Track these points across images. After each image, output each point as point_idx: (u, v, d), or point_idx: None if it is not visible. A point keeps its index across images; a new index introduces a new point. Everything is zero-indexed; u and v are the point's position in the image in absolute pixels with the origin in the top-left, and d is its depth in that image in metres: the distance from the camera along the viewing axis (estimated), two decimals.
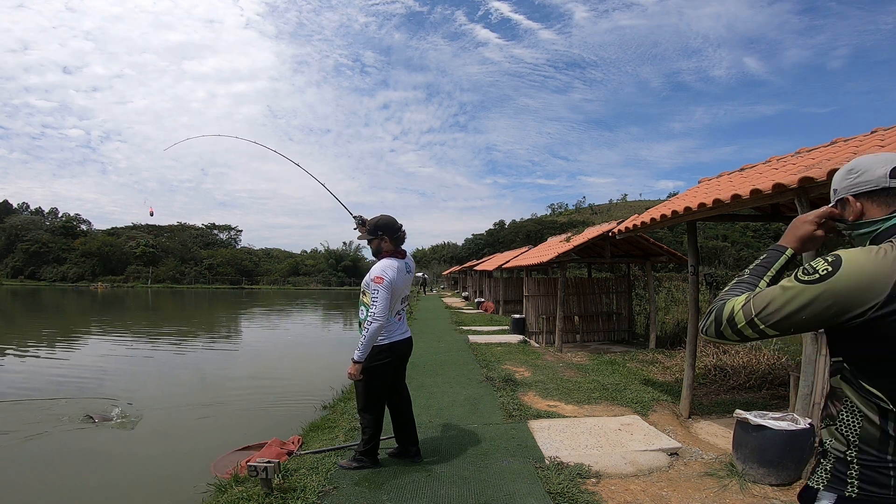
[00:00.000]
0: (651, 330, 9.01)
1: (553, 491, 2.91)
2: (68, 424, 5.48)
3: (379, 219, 3.34)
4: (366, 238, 3.36)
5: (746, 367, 5.88)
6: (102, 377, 8.20)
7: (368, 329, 3.01)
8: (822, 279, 0.95)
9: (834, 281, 0.94)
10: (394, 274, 3.14)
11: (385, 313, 3.05)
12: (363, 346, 3.02)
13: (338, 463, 3.36)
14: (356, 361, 3.04)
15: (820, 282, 0.95)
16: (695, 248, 4.84)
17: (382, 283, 3.08)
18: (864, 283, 0.92)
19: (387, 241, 3.28)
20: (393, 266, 3.18)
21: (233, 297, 39.15)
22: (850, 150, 3.20)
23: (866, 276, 0.92)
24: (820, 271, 0.96)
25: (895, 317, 0.90)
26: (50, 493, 3.96)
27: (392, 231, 3.29)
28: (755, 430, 3.02)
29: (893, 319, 0.91)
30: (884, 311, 0.91)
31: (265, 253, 74.90)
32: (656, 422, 4.38)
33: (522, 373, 6.58)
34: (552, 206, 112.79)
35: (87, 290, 47.10)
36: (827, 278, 0.95)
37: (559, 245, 10.12)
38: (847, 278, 0.93)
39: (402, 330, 3.34)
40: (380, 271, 3.13)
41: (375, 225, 3.30)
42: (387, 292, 3.07)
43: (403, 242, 3.37)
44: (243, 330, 17.21)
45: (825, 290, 0.94)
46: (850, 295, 0.92)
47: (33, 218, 70.04)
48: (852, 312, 0.93)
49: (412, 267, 3.43)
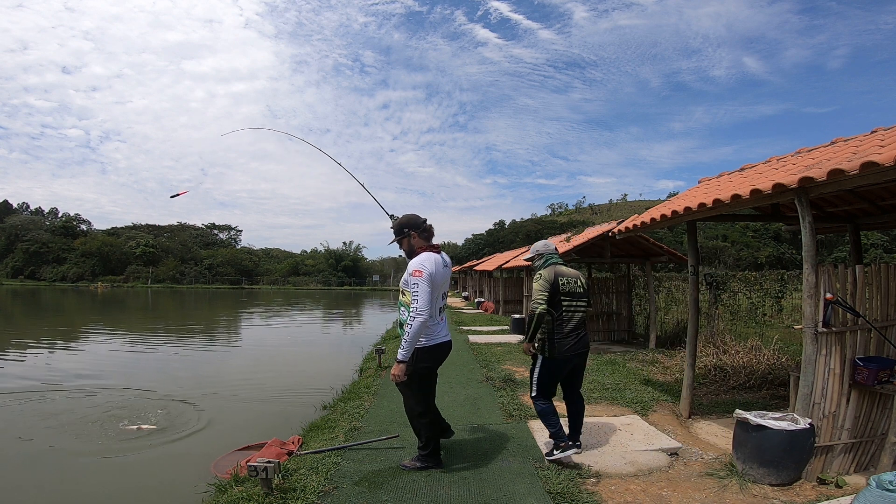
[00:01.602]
0: (651, 330, 9.01)
1: (553, 491, 2.91)
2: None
3: (401, 218, 3.31)
4: (396, 241, 3.32)
5: (746, 367, 5.87)
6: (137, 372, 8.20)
7: (412, 325, 2.91)
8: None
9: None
10: (432, 267, 3.05)
11: (428, 307, 2.95)
12: (407, 345, 2.94)
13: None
14: (401, 361, 2.96)
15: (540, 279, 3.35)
16: (695, 248, 4.83)
17: (422, 276, 2.98)
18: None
19: (415, 236, 3.23)
20: (430, 259, 3.09)
21: (233, 297, 39.14)
22: (851, 150, 3.20)
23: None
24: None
25: (557, 296, 3.32)
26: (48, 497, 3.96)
27: (416, 226, 3.24)
28: (755, 430, 3.02)
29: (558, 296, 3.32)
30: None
31: (265, 253, 75.00)
32: (656, 422, 4.38)
33: (522, 373, 6.58)
34: (552, 206, 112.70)
35: (86, 290, 47.12)
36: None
37: (559, 245, 10.12)
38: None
39: (445, 332, 3.27)
40: (417, 264, 3.04)
41: (400, 225, 3.27)
42: (427, 285, 2.98)
43: (433, 237, 3.29)
44: (243, 329, 17.21)
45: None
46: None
47: (33, 218, 70.10)
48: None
49: (449, 262, 3.34)
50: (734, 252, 49.63)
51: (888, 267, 3.28)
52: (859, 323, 3.10)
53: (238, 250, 70.30)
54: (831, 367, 3.05)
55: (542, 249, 3.61)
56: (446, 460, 3.38)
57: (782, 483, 2.96)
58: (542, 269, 3.44)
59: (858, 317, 3.06)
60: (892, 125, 3.45)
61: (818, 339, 3.03)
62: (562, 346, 3.32)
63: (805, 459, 2.99)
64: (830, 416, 3.07)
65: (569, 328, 3.34)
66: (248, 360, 10.34)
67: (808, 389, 3.05)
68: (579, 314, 3.41)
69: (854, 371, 3.07)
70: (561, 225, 58.65)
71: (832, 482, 2.95)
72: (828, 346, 3.04)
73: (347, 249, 66.18)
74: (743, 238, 54.37)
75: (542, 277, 3.36)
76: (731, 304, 9.19)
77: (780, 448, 2.92)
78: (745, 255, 49.59)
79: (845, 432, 3.10)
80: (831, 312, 2.97)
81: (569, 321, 3.35)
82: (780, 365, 5.90)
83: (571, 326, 3.35)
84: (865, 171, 2.59)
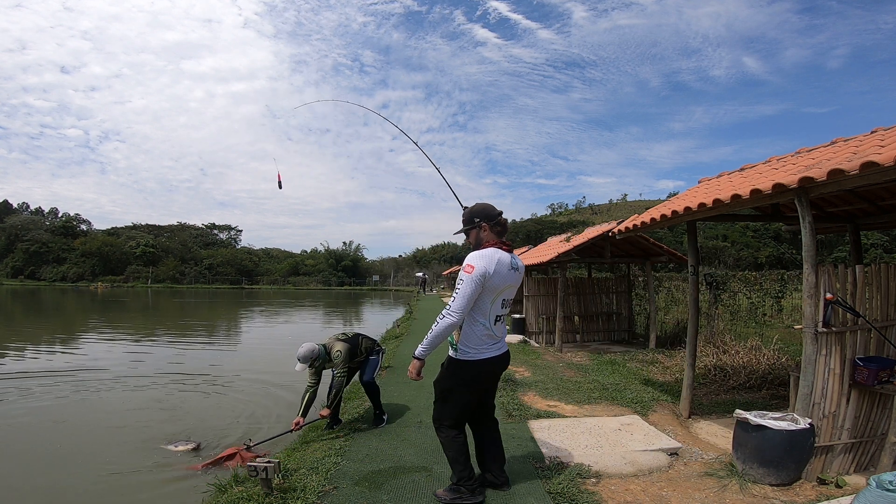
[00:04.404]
0: (651, 330, 9.02)
1: (553, 491, 2.91)
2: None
3: (474, 206, 2.84)
4: (463, 231, 2.87)
5: (746, 367, 5.87)
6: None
7: (438, 323, 2.55)
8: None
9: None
10: (488, 265, 2.58)
11: (464, 310, 2.55)
12: (428, 342, 2.59)
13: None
14: (417, 357, 2.65)
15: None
16: (695, 248, 4.84)
17: (471, 274, 2.54)
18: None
19: (486, 229, 2.74)
20: (491, 256, 2.61)
21: (233, 297, 39.14)
22: (850, 150, 3.20)
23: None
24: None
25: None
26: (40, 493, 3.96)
27: (490, 217, 2.75)
28: (755, 430, 3.02)
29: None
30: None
31: (265, 253, 74.99)
32: (656, 422, 4.38)
33: (522, 373, 6.58)
34: (552, 205, 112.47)
35: (87, 290, 47.11)
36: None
37: (559, 245, 10.12)
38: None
39: (501, 344, 2.78)
40: (472, 259, 2.59)
41: (471, 212, 2.81)
42: (475, 286, 2.54)
43: (506, 233, 2.82)
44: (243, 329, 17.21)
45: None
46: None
47: (33, 218, 70.12)
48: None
49: (520, 266, 2.80)
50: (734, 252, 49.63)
51: (888, 267, 3.28)
52: (859, 323, 3.10)
53: (238, 250, 70.31)
54: (831, 367, 3.05)
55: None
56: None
57: (782, 483, 2.96)
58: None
59: (858, 317, 3.06)
60: (892, 125, 3.45)
61: (818, 339, 3.03)
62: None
63: (805, 459, 2.99)
64: (830, 416, 3.07)
65: None
66: (246, 359, 10.33)
67: (808, 389, 3.05)
68: None
69: (854, 371, 3.07)
70: (561, 225, 58.63)
71: (832, 482, 2.95)
72: (828, 346, 3.04)
73: (347, 249, 66.17)
74: (743, 238, 54.37)
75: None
76: (731, 304, 9.20)
77: (780, 448, 2.92)
78: (745, 255, 49.59)
79: (845, 432, 3.10)
80: (831, 312, 2.97)
81: None
82: (780, 365, 5.90)
83: None
84: (865, 171, 2.59)
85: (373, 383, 4.41)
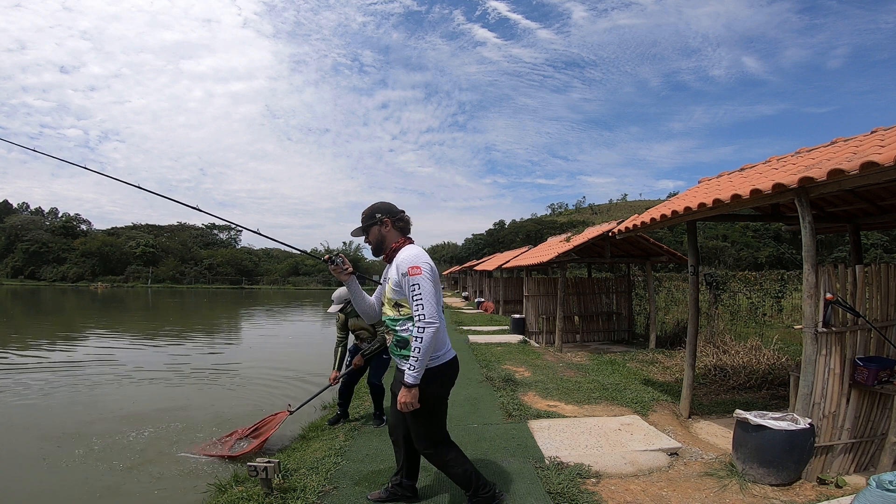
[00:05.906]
0: (651, 330, 9.02)
1: (553, 491, 2.91)
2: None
3: (374, 203, 2.63)
4: (359, 233, 2.63)
5: (746, 367, 5.88)
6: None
7: (422, 339, 2.27)
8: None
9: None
10: (428, 260, 2.40)
11: (437, 314, 2.32)
12: (418, 364, 2.28)
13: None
14: (411, 385, 2.30)
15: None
16: (695, 248, 4.84)
17: (423, 273, 2.32)
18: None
19: (388, 225, 2.54)
20: (421, 252, 2.43)
21: (234, 296, 39.14)
22: (851, 150, 3.20)
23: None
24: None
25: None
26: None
27: (392, 213, 2.56)
28: (755, 430, 3.02)
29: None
30: None
31: (265, 253, 74.97)
32: (656, 422, 4.38)
33: (522, 373, 6.58)
34: (552, 206, 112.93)
35: (87, 290, 47.10)
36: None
37: (559, 245, 10.12)
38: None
39: (449, 345, 2.57)
40: (412, 260, 2.35)
41: (372, 209, 2.58)
42: (432, 283, 2.34)
43: (409, 231, 2.63)
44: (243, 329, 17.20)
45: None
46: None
47: (33, 218, 70.14)
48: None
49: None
50: (734, 252, 49.65)
51: (888, 267, 3.28)
52: (859, 323, 3.10)
53: (238, 250, 70.32)
54: (831, 367, 3.05)
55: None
56: None
57: (782, 483, 2.96)
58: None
59: (858, 317, 3.06)
60: (892, 125, 3.45)
61: (818, 339, 3.03)
62: None
63: (805, 459, 2.99)
64: (830, 416, 3.07)
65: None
66: (247, 358, 10.32)
67: (808, 389, 3.05)
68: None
69: (854, 371, 3.07)
70: (561, 225, 58.66)
71: (832, 482, 2.95)
72: (828, 346, 3.04)
73: (347, 249, 66.06)
74: (743, 238, 54.39)
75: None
76: (731, 304, 9.19)
77: (780, 448, 2.93)
78: (745, 255, 49.62)
79: (845, 432, 3.10)
80: (831, 312, 2.97)
81: None
82: (780, 365, 5.91)
83: None
84: (865, 171, 2.59)
85: (379, 386, 4.42)
